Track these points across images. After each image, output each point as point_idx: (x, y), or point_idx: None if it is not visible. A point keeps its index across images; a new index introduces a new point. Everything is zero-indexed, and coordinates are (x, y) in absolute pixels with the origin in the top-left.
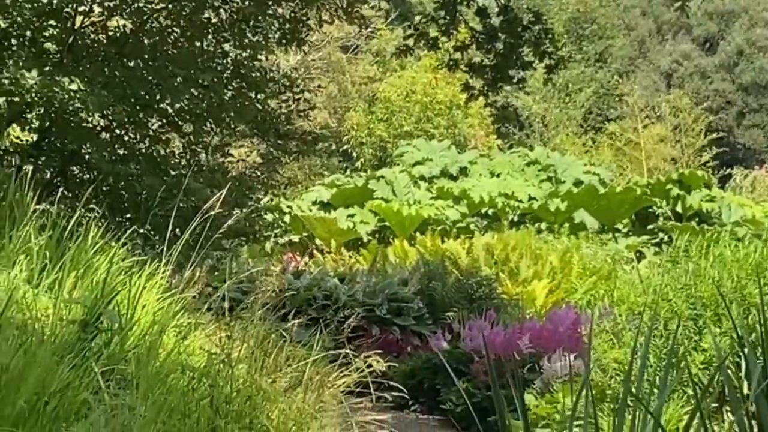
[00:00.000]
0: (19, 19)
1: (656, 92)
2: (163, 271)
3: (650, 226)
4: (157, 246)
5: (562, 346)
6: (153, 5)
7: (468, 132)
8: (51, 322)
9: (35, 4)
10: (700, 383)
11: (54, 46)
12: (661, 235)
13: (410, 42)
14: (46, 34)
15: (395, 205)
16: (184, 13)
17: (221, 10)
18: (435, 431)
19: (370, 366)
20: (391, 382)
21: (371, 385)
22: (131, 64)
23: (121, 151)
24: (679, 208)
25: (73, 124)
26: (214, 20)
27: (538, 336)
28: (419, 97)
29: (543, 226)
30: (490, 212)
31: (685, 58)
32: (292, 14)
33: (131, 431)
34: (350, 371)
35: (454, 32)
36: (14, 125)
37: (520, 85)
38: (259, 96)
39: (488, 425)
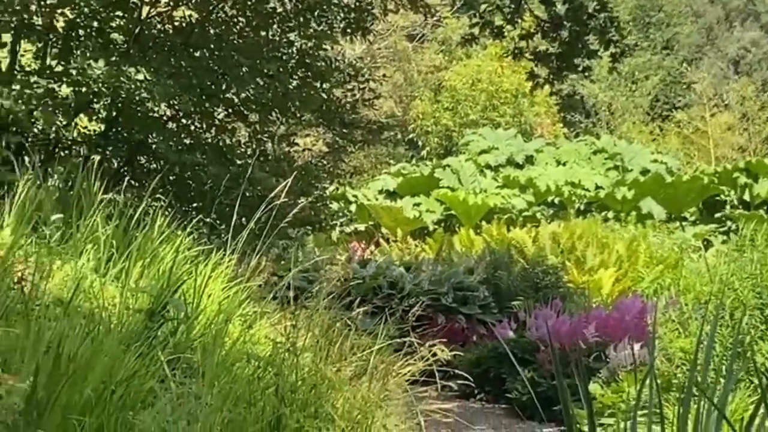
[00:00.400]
0: (86, 9)
1: (724, 79)
2: (229, 260)
3: (717, 215)
4: (222, 235)
5: (628, 335)
6: None
7: (534, 120)
8: (118, 311)
9: None
10: (766, 373)
11: (121, 36)
12: (728, 223)
13: (475, 31)
14: (113, 24)
15: (461, 194)
16: (249, 3)
17: (286, 0)
18: (500, 420)
19: (435, 355)
20: (456, 371)
21: (436, 374)
22: (197, 54)
23: (187, 141)
24: (746, 197)
25: (139, 114)
26: (279, 10)
27: (604, 325)
28: (485, 85)
29: (610, 214)
30: (556, 201)
31: (753, 45)
32: (357, 3)
33: (197, 419)
34: (415, 360)
35: (520, 21)
36: (82, 115)
37: (586, 74)
38: (324, 85)
39: (553, 414)
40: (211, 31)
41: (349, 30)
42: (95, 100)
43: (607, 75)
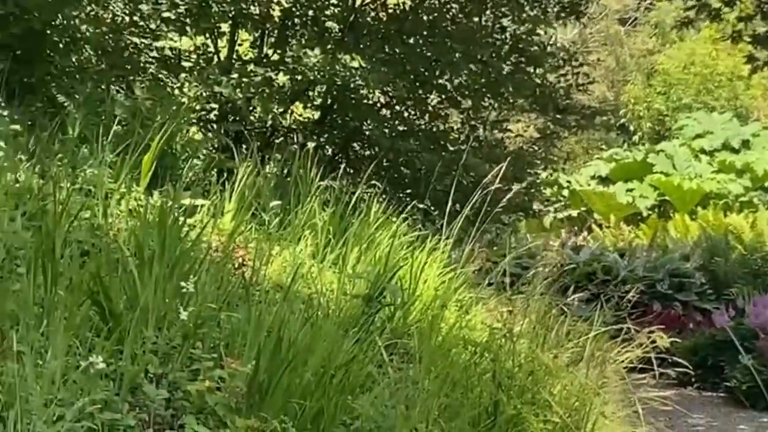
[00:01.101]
0: None
1: None
2: (444, 246)
3: None
4: (437, 221)
5: None
6: None
7: (750, 104)
8: (335, 296)
9: None
10: None
11: (335, 24)
12: None
13: (691, 14)
14: (328, 12)
15: (675, 179)
16: None
17: None
18: (719, 408)
19: (653, 342)
20: (673, 358)
21: (654, 361)
22: (410, 40)
23: (400, 127)
24: None
25: (354, 101)
26: None
27: None
28: (698, 68)
29: None
30: None
31: None
32: None
33: (415, 404)
34: (632, 347)
35: (738, 2)
36: (297, 103)
37: None
38: (537, 70)
39: None
40: (425, 18)
41: (563, 14)
42: (310, 88)
43: None
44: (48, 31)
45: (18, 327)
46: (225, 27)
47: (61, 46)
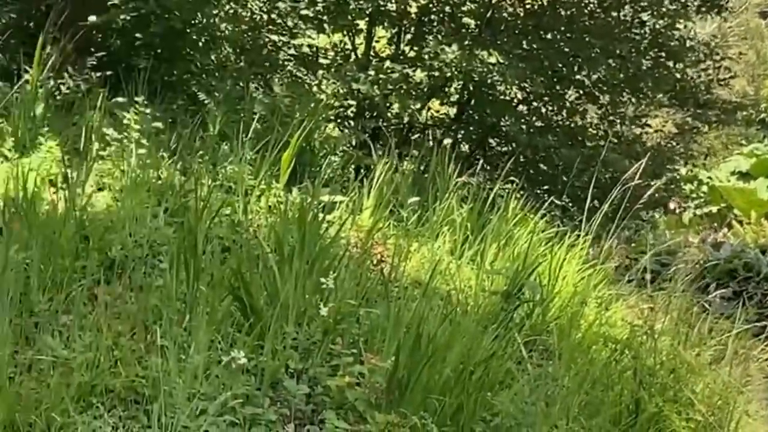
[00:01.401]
0: None
1: None
2: (583, 243)
3: None
4: (575, 217)
5: None
6: None
7: None
8: (474, 292)
9: None
10: None
11: (472, 20)
12: None
13: None
14: (464, 9)
15: None
16: None
17: None
18: None
19: None
20: None
21: None
22: (548, 36)
23: (538, 123)
24: None
25: (491, 97)
26: None
27: None
28: None
29: None
30: None
31: None
32: None
33: (555, 401)
34: None
35: None
36: (434, 99)
37: None
38: (677, 65)
39: None
40: (562, 13)
41: (703, 8)
42: (447, 84)
43: None
44: (188, 30)
45: (161, 322)
46: (362, 24)
47: (200, 44)
